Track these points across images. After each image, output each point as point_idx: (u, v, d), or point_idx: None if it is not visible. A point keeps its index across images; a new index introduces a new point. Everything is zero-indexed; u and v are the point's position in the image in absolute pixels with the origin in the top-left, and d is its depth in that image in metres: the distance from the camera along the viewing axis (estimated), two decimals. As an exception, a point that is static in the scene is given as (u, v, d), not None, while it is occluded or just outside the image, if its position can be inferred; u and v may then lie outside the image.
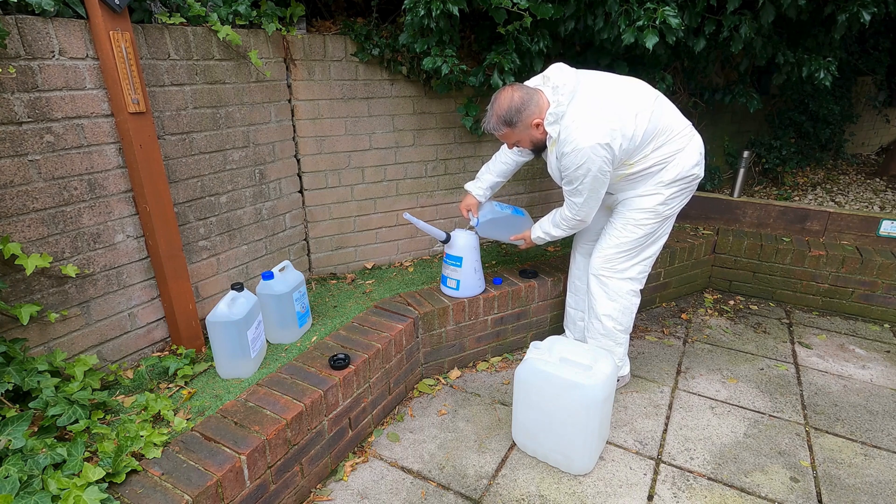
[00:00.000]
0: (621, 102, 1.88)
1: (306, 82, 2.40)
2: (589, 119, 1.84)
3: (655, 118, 1.90)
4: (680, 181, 1.99)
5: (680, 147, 1.96)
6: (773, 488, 1.85)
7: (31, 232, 1.59)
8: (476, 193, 2.36)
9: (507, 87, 1.94)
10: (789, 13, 2.42)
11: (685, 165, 1.97)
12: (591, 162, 1.84)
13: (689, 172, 1.99)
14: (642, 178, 2.00)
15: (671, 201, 2.03)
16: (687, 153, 1.97)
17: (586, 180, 1.90)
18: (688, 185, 2.03)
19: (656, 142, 1.93)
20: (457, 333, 2.46)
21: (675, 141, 1.95)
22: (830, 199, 3.85)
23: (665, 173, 1.98)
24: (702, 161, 2.03)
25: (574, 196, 2.00)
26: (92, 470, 1.32)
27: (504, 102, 1.91)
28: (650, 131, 1.89)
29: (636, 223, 2.06)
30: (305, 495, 1.81)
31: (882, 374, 2.51)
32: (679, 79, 3.39)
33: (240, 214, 2.28)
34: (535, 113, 1.92)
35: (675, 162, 1.97)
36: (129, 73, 1.65)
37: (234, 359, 1.87)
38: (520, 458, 1.99)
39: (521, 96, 1.91)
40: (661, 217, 2.06)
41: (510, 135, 1.99)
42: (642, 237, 2.08)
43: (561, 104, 1.87)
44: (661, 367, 2.57)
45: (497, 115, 1.93)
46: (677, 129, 1.96)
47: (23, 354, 1.55)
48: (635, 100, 1.89)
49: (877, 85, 4.86)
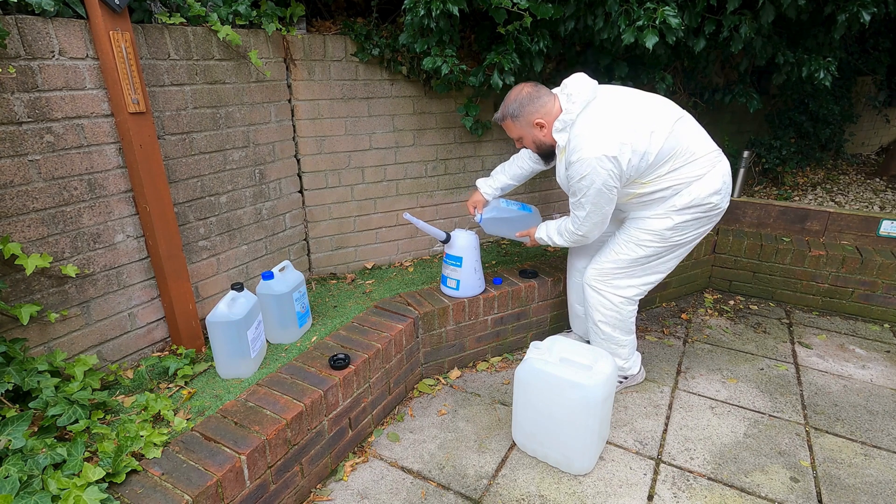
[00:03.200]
0: (637, 118, 1.82)
1: (306, 82, 2.40)
2: (598, 130, 1.80)
3: (674, 139, 1.83)
4: (694, 208, 1.91)
5: (700, 173, 1.88)
6: (773, 488, 1.85)
7: (31, 232, 1.59)
8: (484, 191, 2.36)
9: (523, 83, 1.97)
10: (789, 13, 2.42)
11: (701, 192, 1.89)
12: (595, 174, 1.80)
13: (704, 200, 1.90)
14: (655, 200, 1.94)
15: (682, 228, 1.96)
16: (706, 180, 1.89)
17: (589, 193, 1.86)
18: (704, 214, 1.94)
19: (673, 163, 1.86)
20: (457, 333, 2.46)
21: (694, 165, 1.87)
22: (830, 199, 3.85)
23: (679, 198, 1.91)
24: (724, 190, 1.93)
25: (577, 209, 1.97)
26: (92, 470, 1.32)
27: (513, 94, 1.96)
28: (666, 151, 1.83)
29: (638, 242, 2.02)
30: (305, 495, 1.81)
31: (882, 374, 2.51)
32: (679, 79, 3.39)
33: (240, 214, 2.28)
34: (539, 112, 1.92)
35: (692, 187, 1.89)
36: (129, 73, 1.65)
37: (234, 359, 1.87)
38: (520, 458, 1.99)
39: (531, 92, 1.92)
40: (668, 243, 1.99)
41: (511, 127, 2.01)
42: (642, 258, 2.03)
43: (571, 112, 1.85)
44: (661, 367, 2.57)
45: (504, 104, 1.98)
46: (699, 154, 1.88)
47: (23, 354, 1.55)
48: (653, 117, 1.83)
49: (877, 85, 4.86)
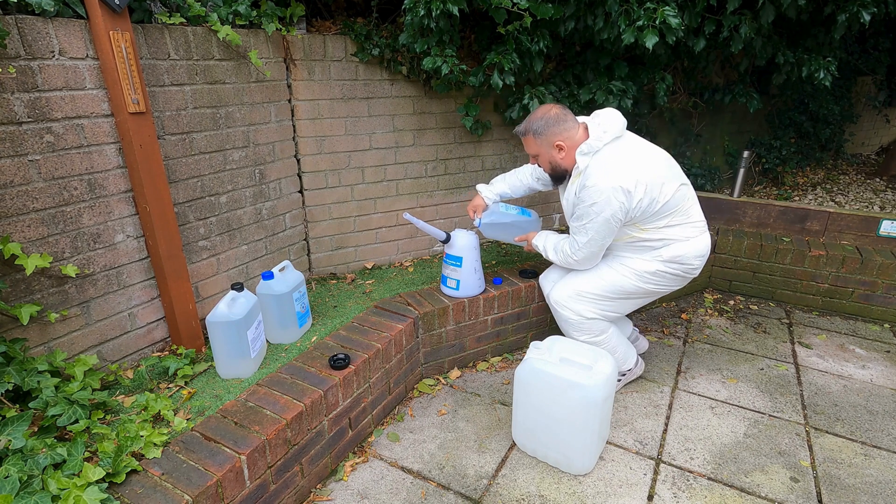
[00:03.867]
0: (655, 165, 1.93)
1: (306, 82, 2.40)
2: (620, 163, 1.88)
3: (679, 197, 1.96)
4: (676, 264, 2.05)
5: (690, 235, 2.03)
6: (773, 488, 1.85)
7: (31, 232, 1.59)
8: (485, 195, 2.39)
9: (551, 104, 2.00)
10: (789, 13, 2.42)
11: (688, 252, 2.03)
12: (607, 203, 1.87)
13: (687, 261, 2.05)
14: (646, 247, 2.05)
15: (660, 276, 2.08)
16: (694, 243, 2.04)
17: (596, 220, 1.92)
18: (681, 273, 2.08)
19: (672, 219, 1.98)
20: (457, 333, 2.46)
21: (688, 227, 2.02)
22: (830, 199, 3.85)
23: (667, 250, 2.03)
24: (704, 258, 2.09)
25: (579, 234, 2.02)
26: (92, 470, 1.32)
27: (540, 112, 1.98)
28: (671, 205, 1.94)
29: (617, 270, 2.11)
30: (305, 495, 1.81)
31: (882, 374, 2.51)
32: (679, 79, 3.40)
33: (240, 214, 2.28)
34: (562, 136, 1.95)
35: (681, 245, 2.02)
36: (129, 73, 1.65)
37: (234, 359, 1.87)
38: (520, 458, 1.99)
39: (558, 113, 1.96)
40: (640, 282, 2.08)
41: (531, 143, 2.02)
42: (609, 284, 2.10)
43: (600, 140, 1.91)
44: (661, 367, 2.57)
45: (529, 120, 2.00)
46: (695, 218, 2.04)
47: (23, 354, 1.55)
48: (667, 172, 1.95)
49: (877, 85, 4.86)
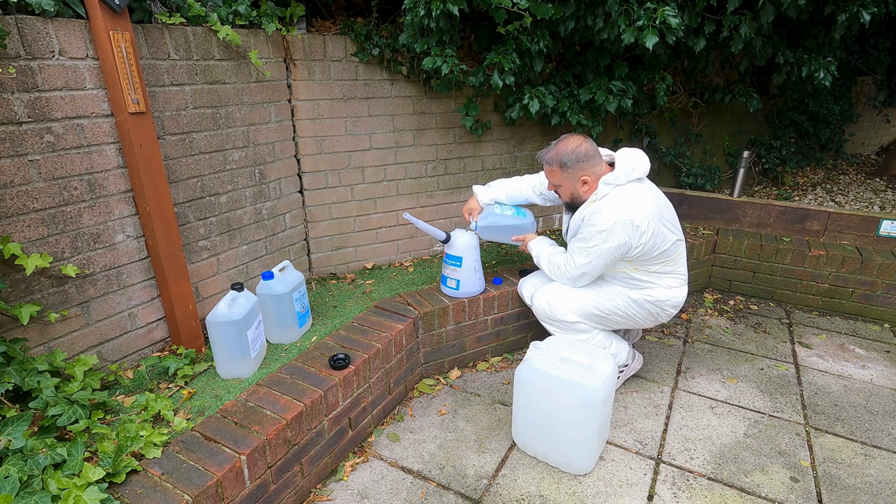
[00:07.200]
0: (666, 215, 2.04)
1: (306, 82, 2.40)
2: (637, 201, 1.94)
3: (673, 249, 2.07)
4: (655, 305, 2.14)
5: (674, 285, 2.15)
6: (773, 488, 1.85)
7: (31, 232, 1.59)
8: (481, 199, 2.40)
9: (581, 136, 2.01)
10: (789, 13, 2.42)
11: (669, 298, 2.15)
12: (615, 233, 1.92)
13: (665, 306, 2.16)
14: (634, 285, 2.13)
15: (640, 306, 2.15)
16: (676, 292, 2.16)
17: (601, 246, 1.96)
18: (656, 313, 2.17)
19: (663, 266, 2.09)
20: (457, 333, 2.46)
21: (674, 277, 2.14)
22: (830, 198, 3.85)
23: (651, 291, 2.13)
24: (677, 309, 2.21)
25: (579, 254, 2.05)
26: (92, 470, 1.31)
27: (571, 145, 1.98)
28: (666, 253, 2.05)
29: (604, 286, 2.17)
30: (305, 495, 1.81)
31: (882, 374, 2.51)
32: (679, 79, 3.39)
33: (240, 214, 2.28)
34: (589, 172, 1.99)
35: (665, 291, 2.13)
36: (129, 73, 1.65)
37: (234, 359, 1.87)
38: (520, 458, 1.99)
39: (588, 149, 1.98)
40: (623, 306, 2.14)
41: (556, 174, 2.03)
42: (598, 300, 2.14)
43: (628, 175, 1.96)
44: (661, 367, 2.57)
45: (558, 151, 2.00)
46: (680, 272, 2.16)
47: (23, 354, 1.55)
48: (673, 226, 2.07)
49: (877, 85, 4.87)
